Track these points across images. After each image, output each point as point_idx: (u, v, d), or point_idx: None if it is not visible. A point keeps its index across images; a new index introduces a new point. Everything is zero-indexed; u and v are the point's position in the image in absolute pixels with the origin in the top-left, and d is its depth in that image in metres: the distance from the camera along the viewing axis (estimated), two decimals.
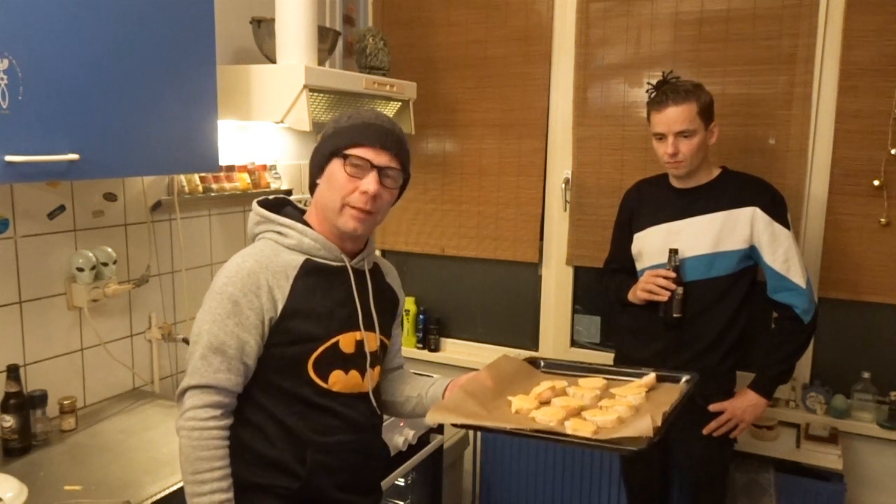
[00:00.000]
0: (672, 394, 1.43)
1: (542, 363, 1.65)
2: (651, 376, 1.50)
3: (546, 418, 1.32)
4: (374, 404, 1.47)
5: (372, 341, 1.45)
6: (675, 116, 2.00)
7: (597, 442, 1.23)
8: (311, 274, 1.38)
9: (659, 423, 1.24)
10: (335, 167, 1.37)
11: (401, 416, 1.60)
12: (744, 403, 2.10)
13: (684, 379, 1.51)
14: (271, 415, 1.37)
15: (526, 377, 1.55)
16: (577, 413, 1.35)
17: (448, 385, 1.53)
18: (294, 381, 1.37)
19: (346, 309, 1.41)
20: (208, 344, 1.31)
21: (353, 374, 1.42)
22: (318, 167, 1.41)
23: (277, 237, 1.40)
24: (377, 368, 1.49)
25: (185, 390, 1.32)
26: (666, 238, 2.12)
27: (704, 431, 2.10)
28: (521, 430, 1.29)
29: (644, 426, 1.21)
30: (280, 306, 1.34)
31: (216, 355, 1.31)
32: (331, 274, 1.41)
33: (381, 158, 1.36)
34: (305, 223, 1.41)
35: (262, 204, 1.46)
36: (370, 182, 1.35)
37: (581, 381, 1.50)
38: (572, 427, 1.27)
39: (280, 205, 1.48)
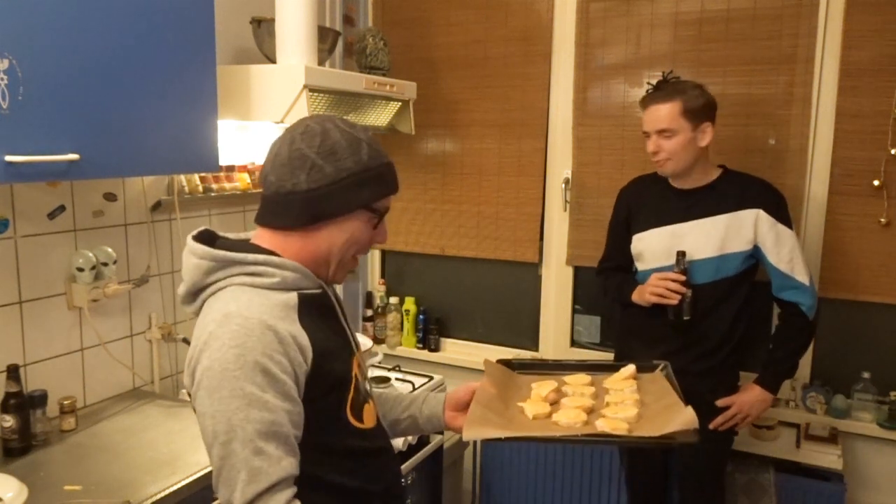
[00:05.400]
0: (658, 382, 1.45)
1: (516, 363, 1.62)
2: (631, 368, 1.52)
3: (569, 421, 1.31)
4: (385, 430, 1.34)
5: (362, 361, 1.31)
6: (655, 115, 2.04)
7: (650, 439, 1.23)
8: (307, 308, 1.14)
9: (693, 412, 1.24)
10: (361, 221, 1.17)
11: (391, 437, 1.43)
12: (751, 398, 2.11)
13: (659, 367, 1.52)
14: (326, 486, 1.14)
15: (513, 380, 1.54)
16: (592, 412, 1.35)
17: (446, 401, 1.42)
18: (338, 435, 1.16)
19: (342, 336, 1.24)
20: (256, 433, 1.01)
21: (371, 401, 1.27)
22: (327, 212, 1.14)
23: (253, 279, 1.11)
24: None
25: (251, 501, 1.00)
26: (671, 240, 2.11)
27: (711, 426, 2.10)
28: (572, 436, 1.28)
29: (688, 418, 1.21)
30: (310, 355, 1.10)
31: (270, 442, 1.02)
32: (318, 303, 1.19)
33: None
34: (270, 252, 1.16)
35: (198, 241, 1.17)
36: (385, 230, 1.21)
37: (567, 378, 1.51)
38: (609, 427, 1.27)
39: (209, 240, 1.19)
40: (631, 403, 1.35)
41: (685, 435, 1.20)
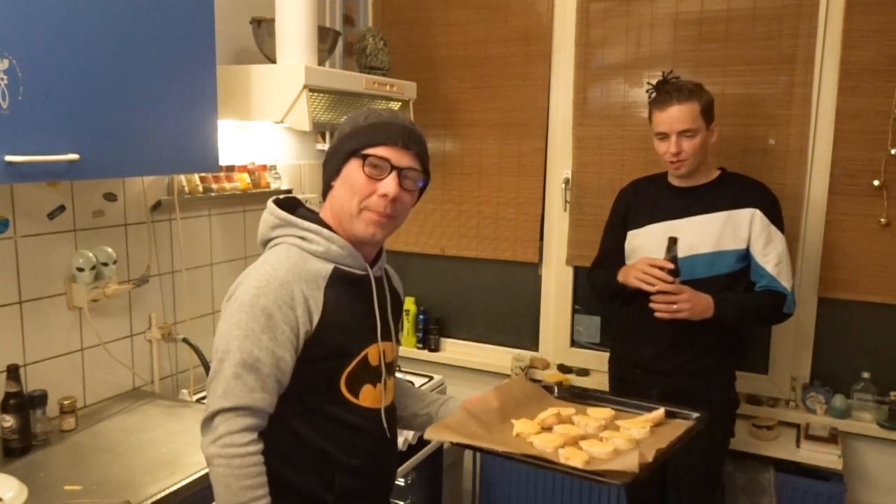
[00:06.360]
0: (674, 430, 1.41)
1: (556, 390, 1.63)
2: (660, 412, 1.47)
3: (543, 444, 1.31)
4: (387, 420, 1.39)
5: (389, 351, 1.40)
6: (677, 116, 2.01)
7: (582, 472, 1.24)
8: (339, 283, 1.29)
9: (649, 458, 1.23)
10: (353, 168, 1.28)
11: (406, 430, 1.56)
12: (701, 295, 2.01)
13: (694, 416, 1.48)
14: (297, 436, 1.28)
15: (536, 401, 1.53)
16: (575, 441, 1.34)
17: (460, 406, 1.48)
18: (325, 399, 1.28)
19: (369, 320, 1.35)
20: (241, 361, 1.19)
21: (379, 386, 1.36)
22: (334, 169, 1.32)
23: (301, 243, 1.29)
24: (392, 379, 1.43)
25: (216, 413, 1.19)
26: (666, 236, 2.11)
27: (652, 303, 2.00)
28: (511, 453, 1.30)
29: (630, 461, 1.20)
30: (316, 318, 1.25)
31: (250, 373, 1.19)
32: (355, 283, 1.32)
33: (402, 159, 1.28)
34: (329, 227, 1.32)
35: (276, 204, 1.36)
36: (390, 184, 1.27)
37: (589, 410, 1.49)
38: (566, 455, 1.27)
39: (293, 206, 1.38)
40: (620, 441, 1.33)
41: (618, 476, 1.19)
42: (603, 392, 1.66)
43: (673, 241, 2.00)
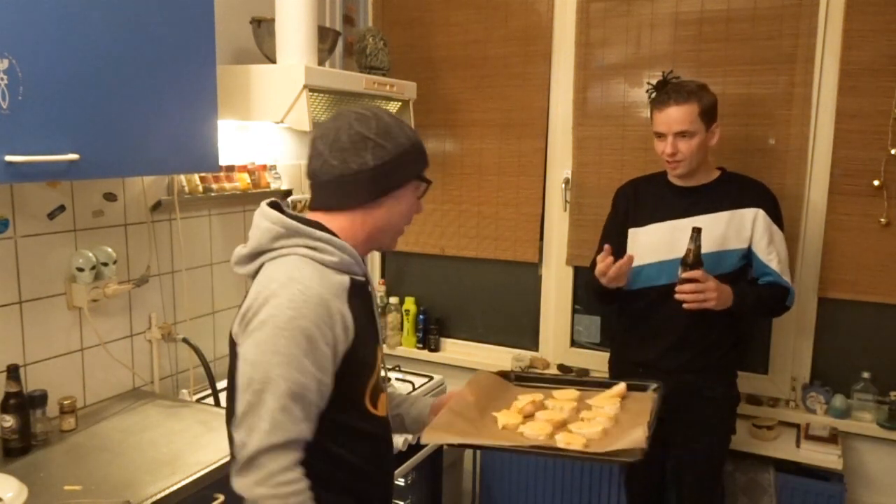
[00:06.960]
0: (643, 402, 1.46)
1: (513, 376, 1.67)
2: (621, 386, 1.54)
3: (534, 433, 1.34)
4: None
5: (381, 354, 1.38)
6: (675, 116, 2.01)
7: (594, 455, 1.26)
8: (355, 294, 1.22)
9: (648, 433, 1.27)
10: (411, 191, 1.28)
11: None
12: (720, 284, 1.99)
13: (652, 388, 1.54)
14: (333, 457, 1.21)
15: (503, 391, 1.57)
16: (562, 426, 1.37)
17: (431, 406, 1.47)
18: (353, 415, 1.23)
19: (374, 326, 1.32)
20: (288, 392, 1.09)
21: (386, 393, 1.35)
22: (391, 185, 1.25)
23: (314, 254, 1.19)
24: None
25: (263, 450, 1.08)
26: (671, 235, 2.11)
27: (677, 293, 1.98)
28: (519, 446, 1.32)
29: (637, 437, 1.23)
30: (352, 335, 1.18)
31: (297, 404, 1.10)
32: (363, 291, 1.27)
33: None
34: (333, 234, 1.24)
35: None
36: (422, 201, 1.33)
37: (555, 393, 1.54)
38: (564, 441, 1.29)
39: (277, 210, 1.31)
40: (603, 420, 1.37)
41: (629, 454, 1.22)
42: (553, 374, 1.68)
43: (697, 232, 1.98)
